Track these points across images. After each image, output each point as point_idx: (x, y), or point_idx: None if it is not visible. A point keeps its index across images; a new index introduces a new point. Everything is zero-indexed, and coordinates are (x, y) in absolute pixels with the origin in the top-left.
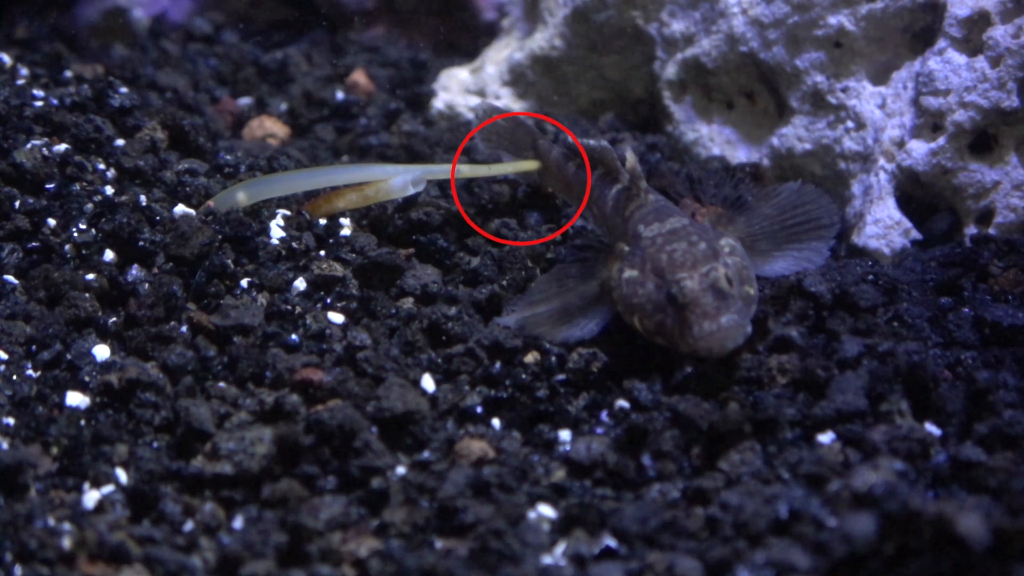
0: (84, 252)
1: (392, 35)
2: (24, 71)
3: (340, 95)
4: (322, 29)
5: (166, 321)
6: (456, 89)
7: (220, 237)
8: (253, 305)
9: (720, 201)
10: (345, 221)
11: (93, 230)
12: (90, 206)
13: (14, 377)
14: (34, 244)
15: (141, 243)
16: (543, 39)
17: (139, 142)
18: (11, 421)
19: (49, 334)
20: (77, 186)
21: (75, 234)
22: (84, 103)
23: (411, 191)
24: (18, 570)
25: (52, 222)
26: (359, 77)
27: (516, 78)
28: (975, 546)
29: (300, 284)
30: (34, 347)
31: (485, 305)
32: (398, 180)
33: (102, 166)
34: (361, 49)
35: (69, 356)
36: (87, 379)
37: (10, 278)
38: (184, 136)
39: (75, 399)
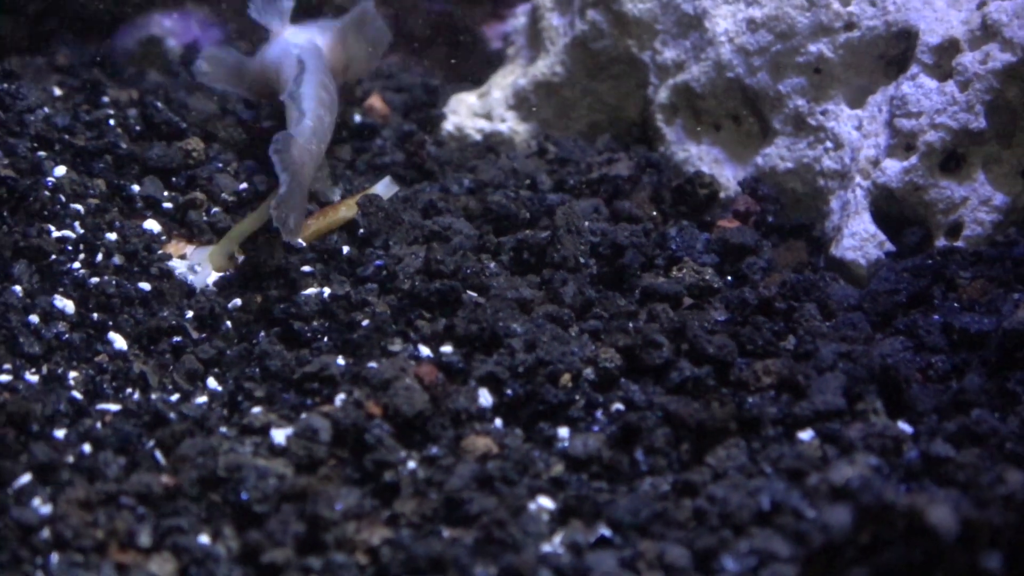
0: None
1: (406, 63)
2: (61, 94)
3: (358, 118)
4: None
5: None
6: (465, 112)
7: None
8: None
9: None
10: None
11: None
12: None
13: None
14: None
15: None
16: (545, 66)
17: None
18: None
19: None
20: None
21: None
22: (125, 124)
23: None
24: (55, 557)
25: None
26: (375, 101)
27: (520, 102)
28: (945, 536)
29: None
30: None
31: None
32: (379, 187)
33: (136, 188)
34: (377, 75)
35: None
36: None
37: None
38: None
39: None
